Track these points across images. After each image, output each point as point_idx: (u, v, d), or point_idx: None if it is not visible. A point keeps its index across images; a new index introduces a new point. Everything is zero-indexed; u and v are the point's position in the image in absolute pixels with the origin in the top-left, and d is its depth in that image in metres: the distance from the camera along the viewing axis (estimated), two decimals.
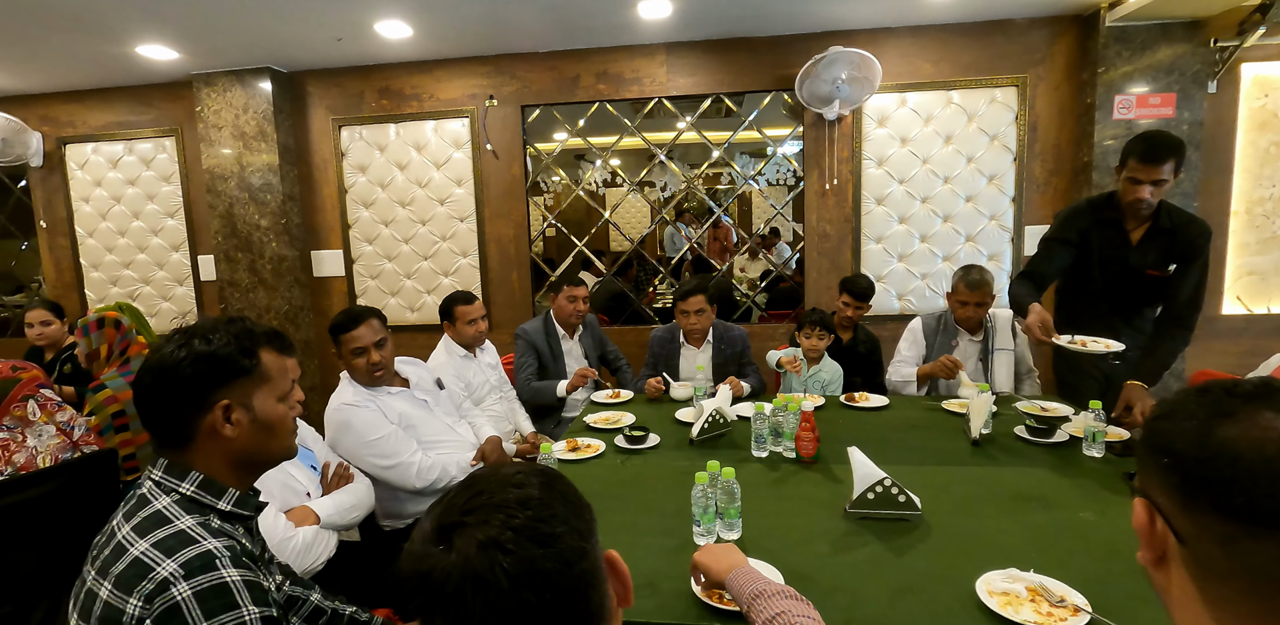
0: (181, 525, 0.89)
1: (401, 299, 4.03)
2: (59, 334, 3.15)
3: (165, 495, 0.93)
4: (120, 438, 2.33)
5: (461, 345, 2.72)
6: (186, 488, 0.94)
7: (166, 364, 0.94)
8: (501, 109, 3.83)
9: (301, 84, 3.96)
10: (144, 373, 0.95)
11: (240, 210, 3.90)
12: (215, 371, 0.96)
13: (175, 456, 0.97)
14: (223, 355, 0.96)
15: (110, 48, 3.41)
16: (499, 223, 3.91)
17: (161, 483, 0.95)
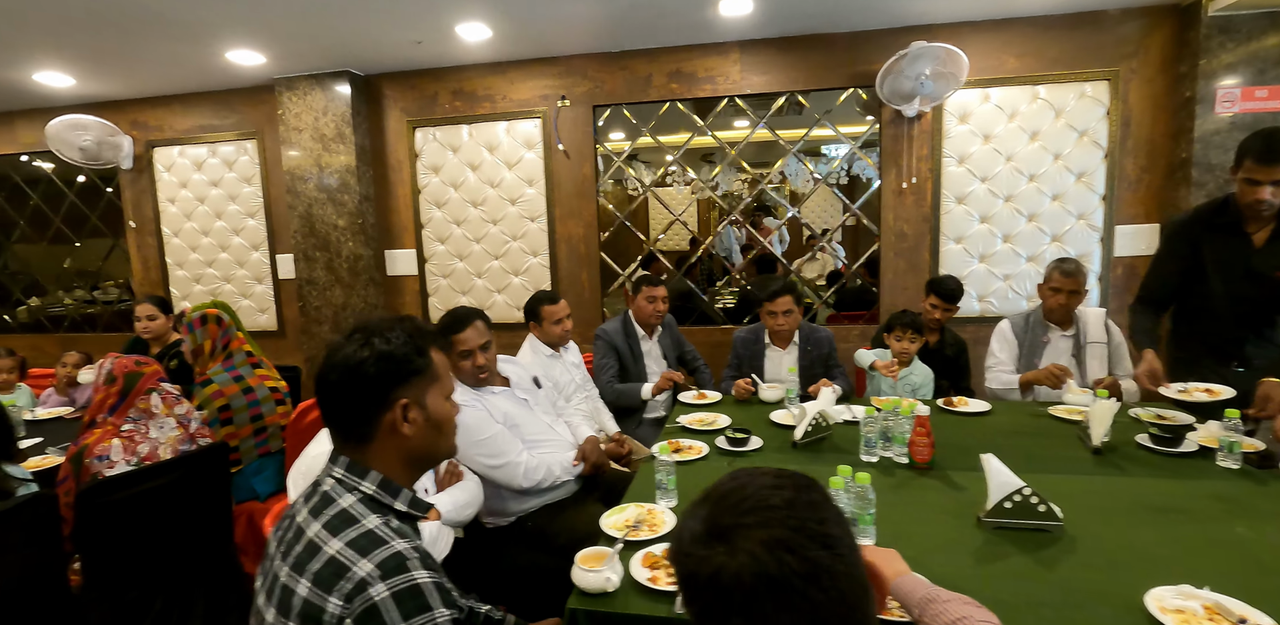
0: (369, 525, 0.91)
1: (472, 298, 4.09)
2: (163, 329, 3.27)
3: (349, 494, 0.95)
4: (225, 431, 2.42)
5: (547, 344, 2.74)
6: (368, 487, 0.96)
7: (351, 362, 0.96)
8: (573, 109, 3.84)
9: (377, 87, 4.05)
10: (329, 371, 0.97)
11: (318, 210, 4.00)
12: (396, 370, 0.97)
13: (355, 455, 0.98)
14: (400, 354, 0.98)
15: (203, 54, 3.53)
16: (569, 222, 3.93)
17: (344, 481, 0.96)
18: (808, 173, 4.16)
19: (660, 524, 1.48)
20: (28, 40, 3.23)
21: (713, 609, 0.56)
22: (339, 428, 0.99)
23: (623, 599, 1.22)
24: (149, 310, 3.26)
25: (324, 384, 0.97)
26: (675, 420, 2.27)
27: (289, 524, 0.97)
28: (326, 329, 4.09)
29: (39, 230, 4.77)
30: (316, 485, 0.99)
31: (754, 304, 4.05)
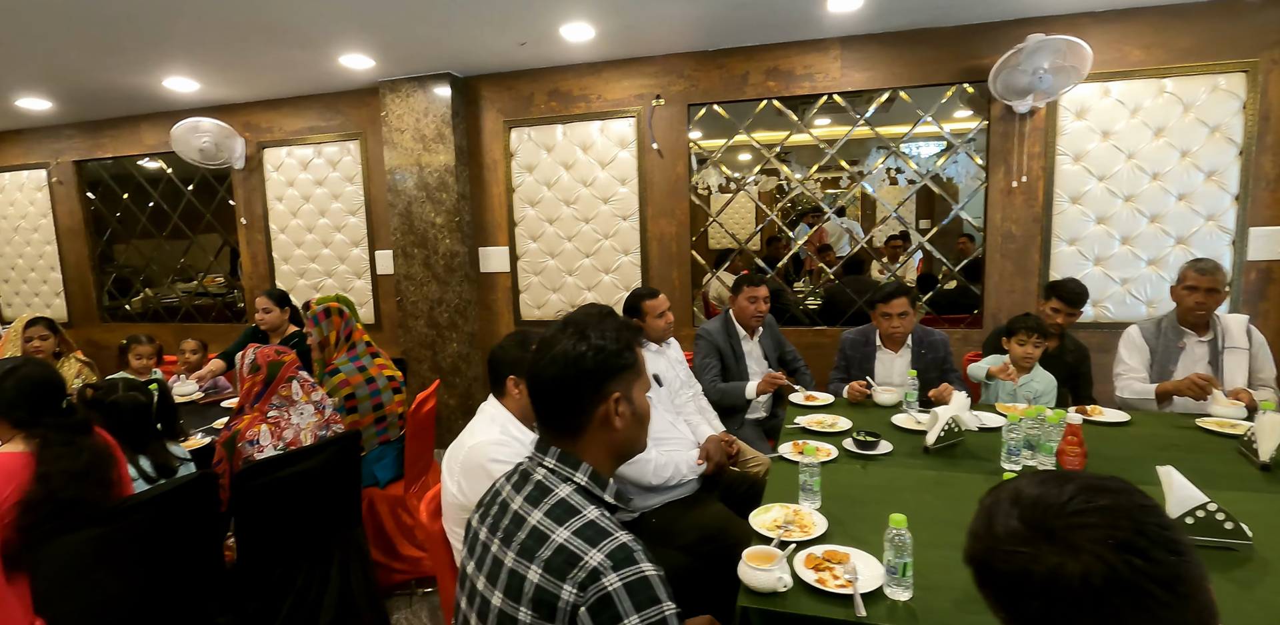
0: (590, 516, 0.93)
1: (563, 295, 4.14)
2: (277, 321, 3.44)
3: (564, 484, 0.97)
4: (350, 419, 2.52)
5: (651, 340, 2.75)
6: (580, 478, 0.98)
7: (571, 356, 0.98)
8: (668, 108, 3.85)
9: (475, 88, 4.15)
10: (547, 364, 0.99)
11: (417, 208, 4.13)
12: (611, 364, 0.99)
13: (566, 446, 1.01)
14: (614, 349, 1.00)
15: (317, 59, 3.69)
16: (661, 221, 3.94)
17: (556, 471, 0.99)
18: (885, 173, 4.06)
19: (810, 526, 1.46)
20: (165, 48, 3.44)
21: (1054, 611, 0.55)
22: (552, 419, 1.01)
23: (794, 599, 1.21)
24: (265, 303, 3.44)
25: (541, 377, 1.00)
26: (793, 421, 2.24)
27: (499, 511, 1.00)
28: (422, 323, 4.22)
29: (158, 226, 5.09)
30: (526, 474, 1.01)
31: (841, 305, 3.98)
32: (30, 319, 3.04)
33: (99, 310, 5.27)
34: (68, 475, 1.56)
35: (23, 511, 1.52)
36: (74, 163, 5.13)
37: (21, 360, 1.69)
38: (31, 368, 1.68)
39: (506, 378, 1.62)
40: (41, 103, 4.41)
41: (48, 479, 1.54)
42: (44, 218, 5.26)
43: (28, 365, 1.68)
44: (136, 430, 1.93)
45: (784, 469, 1.86)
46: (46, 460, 1.56)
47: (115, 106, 4.63)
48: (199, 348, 3.48)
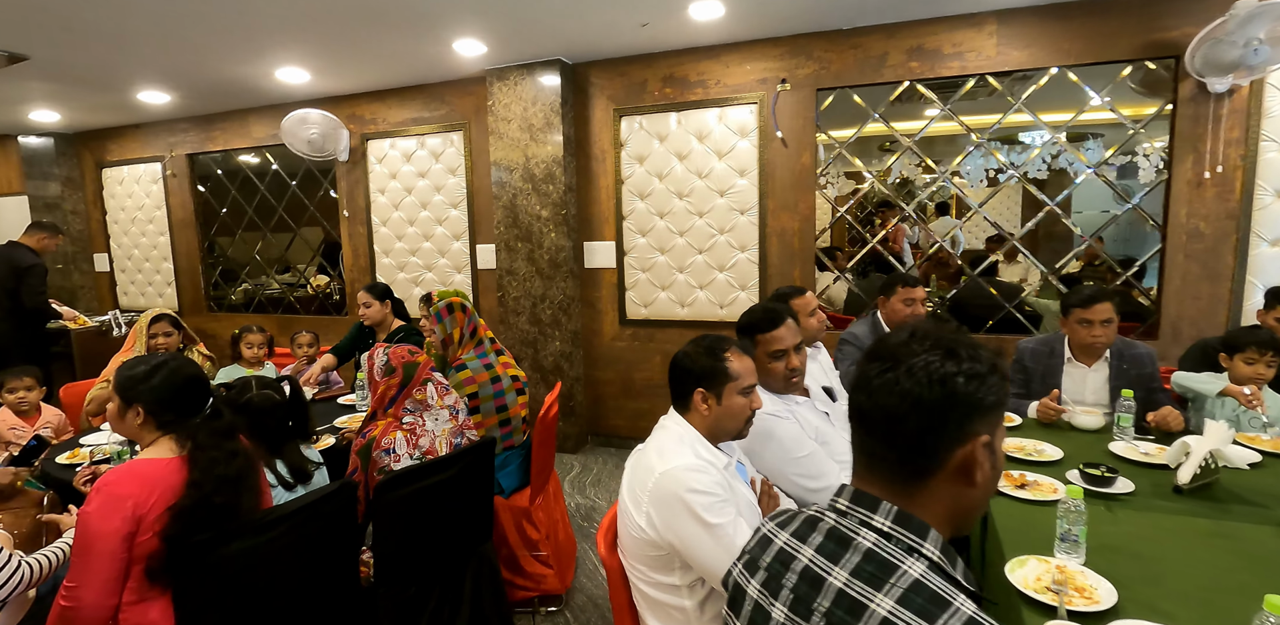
0: (914, 574, 0.68)
1: (673, 293, 3.92)
2: (379, 315, 3.35)
3: (908, 556, 0.72)
4: (472, 420, 2.35)
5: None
6: (930, 551, 0.73)
7: (937, 375, 0.73)
8: (794, 93, 3.56)
9: (584, 75, 3.96)
10: (899, 379, 0.74)
11: (523, 201, 3.98)
12: (983, 395, 0.74)
13: (900, 499, 0.76)
14: (990, 378, 0.74)
15: (429, 46, 3.57)
16: (783, 216, 3.66)
17: (895, 537, 0.74)
18: (987, 164, 3.64)
19: (1091, 590, 1.17)
20: (280, 38, 3.39)
21: None
22: (887, 458, 0.77)
23: None
24: (365, 298, 3.34)
25: (883, 395, 0.75)
26: None
27: (782, 557, 0.78)
28: (524, 320, 4.07)
29: (263, 219, 5.14)
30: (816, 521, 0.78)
31: (977, 309, 3.60)
32: (155, 315, 3.02)
33: (206, 301, 5.38)
34: (222, 481, 1.42)
35: (173, 519, 1.39)
36: (187, 156, 5.25)
37: (169, 356, 1.58)
38: (180, 363, 1.56)
39: (694, 391, 1.39)
40: (161, 96, 4.48)
41: (200, 486, 1.41)
42: (158, 210, 5.40)
43: (176, 360, 1.55)
44: (272, 432, 1.80)
45: (1004, 507, 1.56)
46: (200, 465, 1.43)
47: (227, 100, 4.68)
48: (313, 341, 3.42)
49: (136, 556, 1.40)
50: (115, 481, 1.42)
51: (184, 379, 1.52)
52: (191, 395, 1.53)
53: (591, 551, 2.85)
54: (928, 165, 3.75)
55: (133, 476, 1.44)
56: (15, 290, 4.10)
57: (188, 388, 1.53)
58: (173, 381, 1.50)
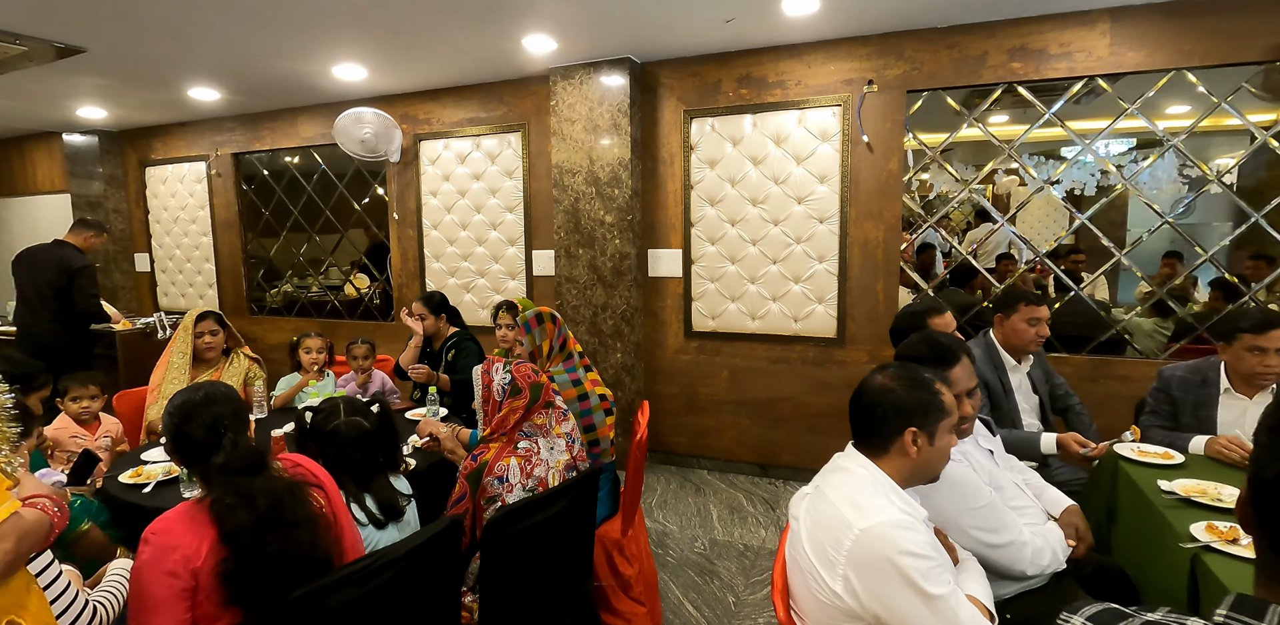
0: None
1: (743, 305, 3.71)
2: (433, 328, 3.21)
3: None
4: None
5: None
6: None
7: None
8: (881, 95, 3.36)
9: (654, 75, 3.79)
10: None
11: (585, 205, 3.80)
12: None
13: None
14: None
15: (498, 42, 3.41)
16: (866, 225, 3.45)
17: None
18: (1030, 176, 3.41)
19: None
20: (341, 32, 3.24)
21: None
22: None
23: None
24: (420, 309, 3.20)
25: None
26: (1160, 490, 1.70)
27: None
28: (583, 330, 3.88)
29: (309, 220, 5.00)
30: None
31: (1088, 329, 3.35)
32: (200, 313, 2.87)
33: (247, 303, 5.25)
34: (258, 528, 1.23)
35: (227, 584, 1.21)
36: (232, 155, 5.13)
37: (201, 385, 1.44)
38: (196, 394, 1.43)
39: (905, 430, 1.19)
40: (211, 93, 4.37)
41: (237, 538, 1.22)
42: (202, 210, 5.29)
43: (197, 390, 1.42)
44: (359, 464, 1.61)
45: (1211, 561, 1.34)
46: (220, 517, 1.24)
47: (276, 98, 4.56)
48: (369, 352, 3.24)
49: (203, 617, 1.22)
50: (163, 530, 1.24)
51: (184, 413, 1.36)
52: (199, 432, 1.36)
53: (673, 584, 2.64)
54: (1019, 171, 3.52)
55: (180, 522, 1.26)
56: (65, 291, 3.97)
57: (191, 423, 1.36)
58: (177, 414, 1.36)
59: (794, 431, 3.67)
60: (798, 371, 3.65)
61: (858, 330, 3.50)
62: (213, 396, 1.42)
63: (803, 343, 3.62)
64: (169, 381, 2.70)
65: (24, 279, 4.03)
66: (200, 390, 1.43)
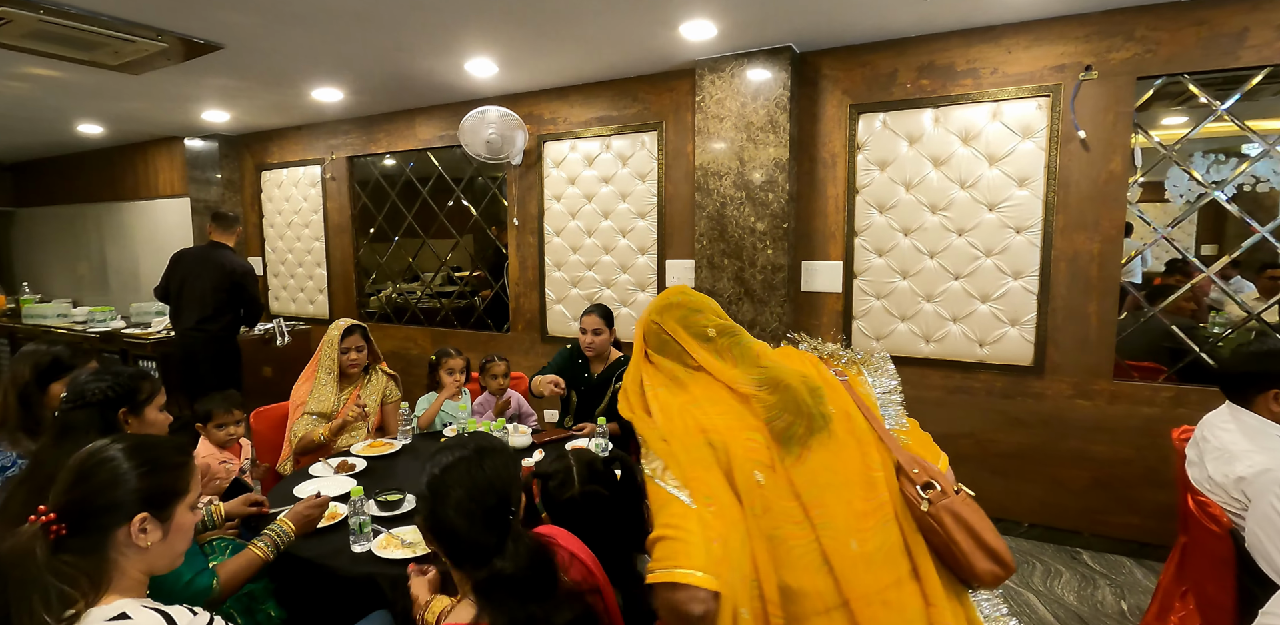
0: None
1: (916, 326, 3.25)
2: (605, 345, 2.85)
3: None
4: None
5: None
6: None
7: None
8: (1101, 83, 2.85)
9: (815, 66, 3.38)
10: None
11: (733, 211, 3.43)
12: None
13: None
14: None
15: (653, 28, 3.08)
16: (1077, 236, 2.93)
17: None
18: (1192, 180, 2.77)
19: None
20: (478, 24, 2.99)
21: None
22: None
23: None
24: (594, 323, 2.84)
25: None
26: None
27: None
28: None
29: (423, 225, 4.83)
30: None
31: None
32: (347, 327, 2.63)
33: (358, 310, 5.12)
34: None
35: None
36: (347, 158, 5.02)
37: (468, 441, 1.10)
38: (451, 455, 1.08)
39: None
40: (334, 93, 4.23)
41: None
42: (315, 214, 5.21)
43: (475, 445, 1.07)
44: (602, 541, 1.27)
45: None
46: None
47: (395, 99, 4.39)
48: (507, 370, 2.95)
49: None
50: None
51: (449, 488, 1.04)
52: (475, 522, 1.02)
53: None
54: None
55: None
56: (231, 299, 3.77)
57: (465, 504, 1.03)
58: (439, 488, 1.03)
59: (974, 472, 3.17)
60: (981, 404, 3.16)
61: (1061, 359, 2.98)
62: (493, 460, 1.09)
63: (989, 371, 3.12)
64: (315, 399, 2.47)
65: (178, 283, 3.81)
66: (471, 444, 1.10)
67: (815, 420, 1.10)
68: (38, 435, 1.65)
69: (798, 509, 1.03)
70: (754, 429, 1.09)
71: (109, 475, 1.00)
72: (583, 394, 2.90)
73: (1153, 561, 2.86)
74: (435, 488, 1.06)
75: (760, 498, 1.02)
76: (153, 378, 1.61)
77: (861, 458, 1.10)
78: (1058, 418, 3.01)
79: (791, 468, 1.06)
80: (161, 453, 1.06)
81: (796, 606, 0.97)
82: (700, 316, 1.23)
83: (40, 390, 1.69)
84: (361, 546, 1.59)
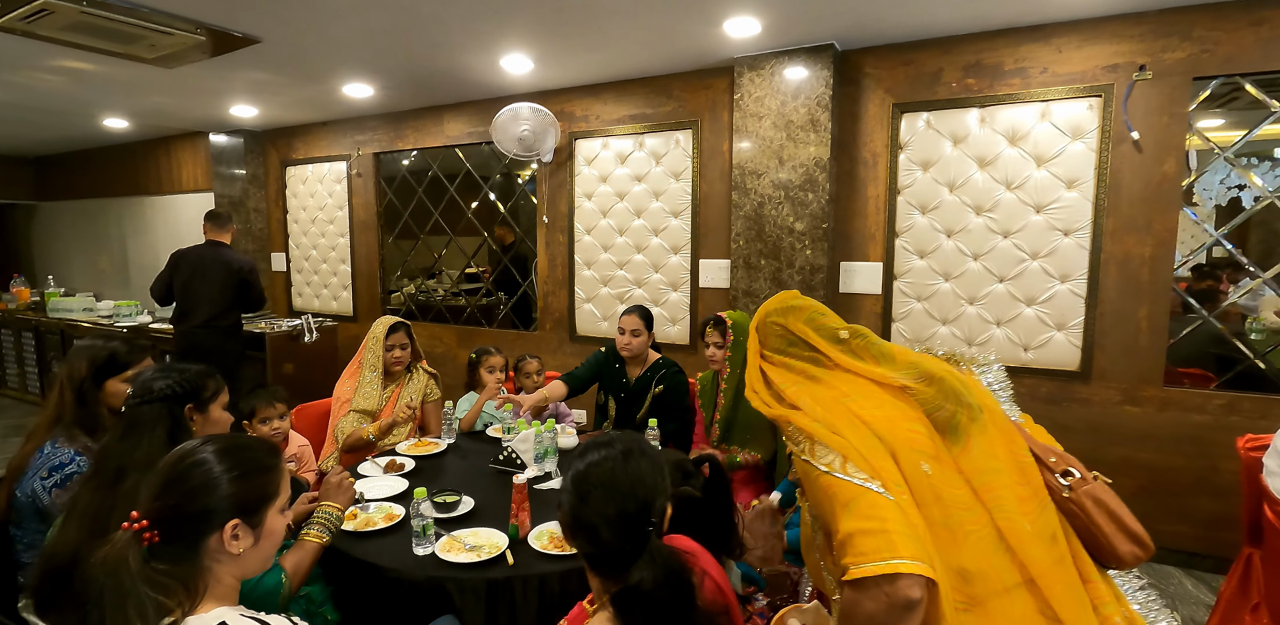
0: None
1: (959, 329, 3.20)
2: (644, 347, 2.81)
3: None
4: None
5: None
6: None
7: None
8: (1155, 83, 2.79)
9: (857, 64, 3.34)
10: None
11: (772, 211, 3.38)
12: None
13: None
14: None
15: (693, 26, 3.04)
16: (1128, 239, 2.88)
17: None
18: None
19: None
20: (516, 18, 2.95)
21: None
22: None
23: None
24: (634, 323, 2.79)
25: None
26: None
27: None
28: None
29: (449, 222, 4.80)
30: None
31: None
32: (392, 324, 2.60)
33: (382, 308, 5.10)
34: None
35: None
36: (374, 155, 5.00)
37: (606, 444, 1.05)
38: (597, 453, 1.03)
39: None
40: (365, 89, 4.20)
41: None
42: (340, 210, 5.19)
43: (625, 445, 1.02)
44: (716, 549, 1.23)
45: None
46: None
47: (425, 95, 4.36)
48: (541, 368, 2.92)
49: None
50: None
51: (590, 487, 1.00)
52: (615, 529, 0.98)
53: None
54: None
55: None
56: (239, 295, 3.91)
57: (606, 509, 0.99)
58: (584, 486, 1.00)
59: None
60: (1026, 409, 3.02)
61: (1109, 364, 2.93)
62: (638, 464, 1.04)
63: (1034, 375, 3.07)
64: (361, 396, 2.44)
65: (182, 281, 3.88)
66: (618, 444, 1.06)
67: (973, 409, 1.12)
68: (94, 432, 1.62)
69: (969, 494, 1.04)
70: (914, 420, 1.10)
71: (201, 480, 0.97)
72: (621, 400, 2.86)
73: (1202, 572, 2.80)
74: (578, 485, 1.03)
75: (928, 487, 1.03)
76: (217, 376, 1.58)
77: (1009, 445, 1.12)
78: (1105, 424, 2.96)
79: (959, 456, 1.08)
80: (253, 455, 1.03)
81: (976, 588, 0.99)
82: (827, 319, 1.24)
83: (96, 387, 1.66)
84: (424, 549, 1.55)
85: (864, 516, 0.94)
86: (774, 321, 1.24)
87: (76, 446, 1.58)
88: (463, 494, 1.80)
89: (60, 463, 1.53)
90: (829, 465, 1.00)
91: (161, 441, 1.41)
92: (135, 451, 1.37)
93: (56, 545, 1.32)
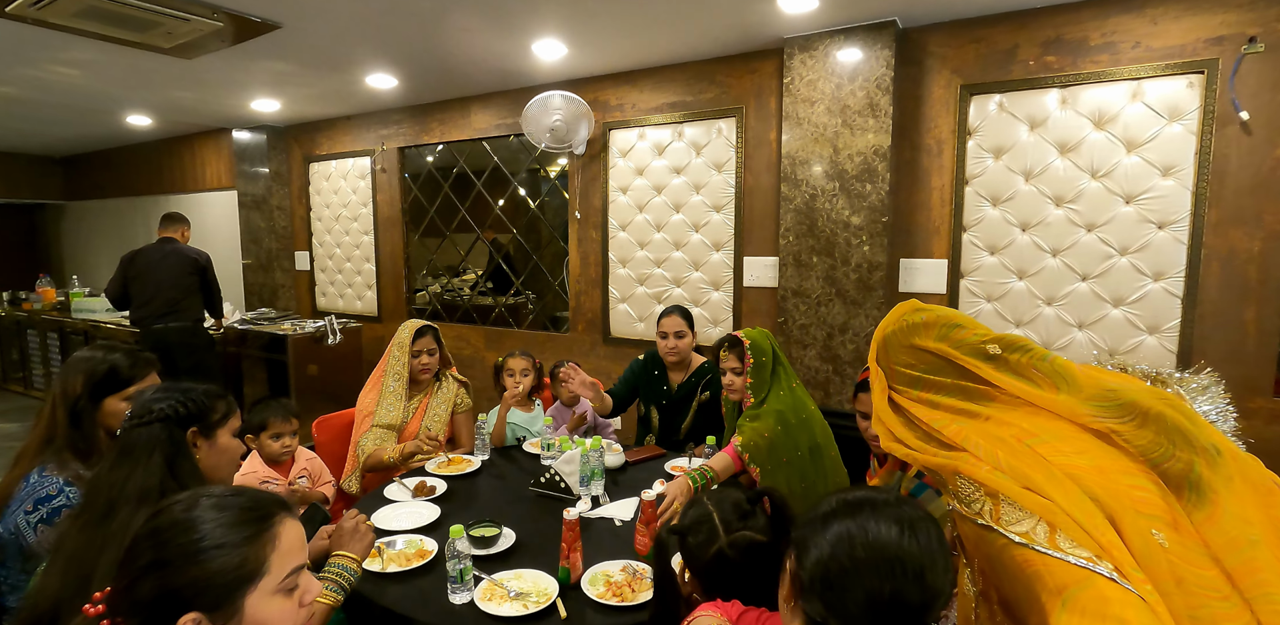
0: None
1: (1034, 331, 2.91)
2: (689, 350, 2.57)
3: None
4: None
5: None
6: None
7: None
8: (1267, 58, 2.48)
9: (920, 43, 3.05)
10: None
11: (824, 204, 3.12)
12: None
13: None
14: None
15: (747, 2, 2.79)
16: (1233, 232, 2.57)
17: None
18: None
19: None
20: (548, 3, 2.73)
21: None
22: None
23: None
24: (677, 324, 2.56)
25: None
26: None
27: None
28: (813, 354, 3.21)
29: (476, 219, 4.60)
30: None
31: None
32: (419, 328, 2.40)
33: (407, 307, 4.92)
34: None
35: None
36: (398, 149, 4.82)
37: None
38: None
39: None
40: (389, 80, 4.01)
41: None
42: (364, 207, 5.02)
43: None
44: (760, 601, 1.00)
45: None
46: None
47: (451, 86, 4.17)
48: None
49: None
50: None
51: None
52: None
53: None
54: None
55: None
56: (200, 287, 4.01)
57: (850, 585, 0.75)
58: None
59: None
60: None
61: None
62: (927, 537, 0.77)
63: None
64: (383, 409, 2.24)
65: (136, 274, 3.90)
66: (892, 511, 0.77)
67: (1210, 455, 0.82)
68: (89, 457, 1.43)
69: (1220, 577, 0.76)
70: (1133, 473, 0.82)
71: (150, 558, 0.77)
72: (664, 409, 2.63)
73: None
74: (837, 564, 0.75)
75: (1166, 567, 0.75)
76: (229, 398, 1.38)
77: (1266, 506, 0.82)
78: None
79: (1202, 524, 0.79)
80: (229, 521, 0.80)
81: None
82: (965, 332, 0.95)
83: (93, 405, 1.47)
84: (462, 597, 1.33)
85: (1093, 615, 0.68)
86: (898, 346, 0.97)
87: (67, 474, 1.39)
88: (502, 526, 1.58)
89: (47, 494, 1.34)
90: (1027, 536, 0.75)
91: (158, 470, 1.21)
92: (128, 483, 1.18)
93: (39, 593, 1.14)
